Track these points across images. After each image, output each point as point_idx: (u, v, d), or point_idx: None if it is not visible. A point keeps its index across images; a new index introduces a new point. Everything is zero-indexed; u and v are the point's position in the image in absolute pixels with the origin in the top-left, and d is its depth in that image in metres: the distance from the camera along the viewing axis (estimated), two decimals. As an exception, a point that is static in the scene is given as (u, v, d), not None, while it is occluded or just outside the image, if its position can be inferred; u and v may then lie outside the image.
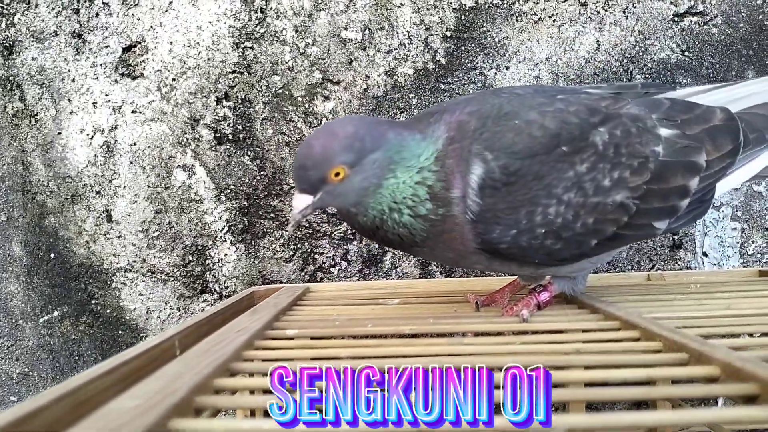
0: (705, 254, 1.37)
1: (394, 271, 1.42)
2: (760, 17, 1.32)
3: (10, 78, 1.35)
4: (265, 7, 1.34)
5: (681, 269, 1.37)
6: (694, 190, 0.93)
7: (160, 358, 0.80)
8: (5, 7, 1.32)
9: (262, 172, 1.39)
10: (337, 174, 0.85)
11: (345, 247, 1.41)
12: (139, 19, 1.34)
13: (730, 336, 0.77)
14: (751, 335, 0.75)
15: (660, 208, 0.92)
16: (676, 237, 1.37)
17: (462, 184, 0.85)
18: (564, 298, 1.06)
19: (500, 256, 0.89)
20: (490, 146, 0.86)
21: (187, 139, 1.38)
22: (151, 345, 0.84)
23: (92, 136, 1.37)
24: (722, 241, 1.36)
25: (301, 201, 0.87)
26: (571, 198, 0.86)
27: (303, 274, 1.42)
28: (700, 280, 1.21)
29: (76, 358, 1.45)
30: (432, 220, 0.86)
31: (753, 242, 1.36)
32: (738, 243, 1.36)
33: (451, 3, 1.34)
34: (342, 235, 1.41)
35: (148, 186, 1.39)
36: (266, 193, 1.40)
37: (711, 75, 1.34)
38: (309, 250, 1.41)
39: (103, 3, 1.33)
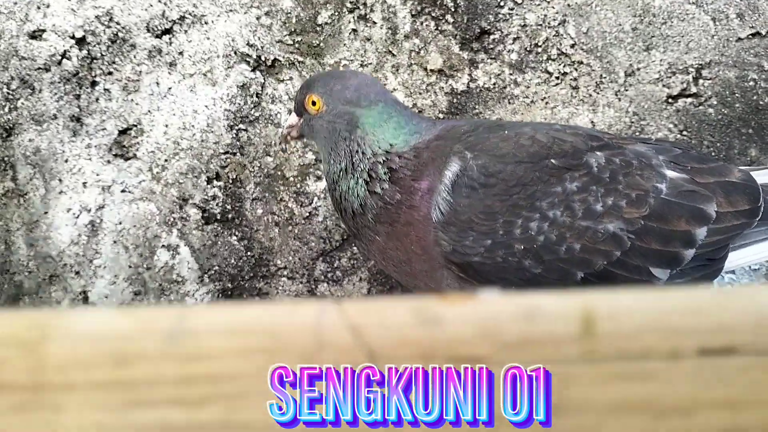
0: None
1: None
2: (755, 98, 1.31)
3: (5, 159, 1.36)
4: (260, 92, 1.37)
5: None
6: (701, 242, 0.86)
7: None
8: (11, 92, 1.37)
9: (248, 253, 1.34)
10: (313, 103, 0.89)
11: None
12: (137, 104, 1.37)
13: None
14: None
15: (659, 251, 0.84)
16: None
17: (432, 178, 0.81)
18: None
19: (473, 275, 0.81)
20: (473, 147, 0.83)
21: (174, 219, 1.35)
22: None
23: (78, 216, 1.34)
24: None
25: (290, 119, 0.96)
26: (557, 216, 0.79)
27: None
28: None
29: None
30: (387, 202, 0.83)
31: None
32: None
33: (443, 87, 1.35)
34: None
35: (130, 266, 1.33)
36: (252, 274, 1.33)
37: (713, 154, 1.30)
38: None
39: (105, 89, 1.37)
